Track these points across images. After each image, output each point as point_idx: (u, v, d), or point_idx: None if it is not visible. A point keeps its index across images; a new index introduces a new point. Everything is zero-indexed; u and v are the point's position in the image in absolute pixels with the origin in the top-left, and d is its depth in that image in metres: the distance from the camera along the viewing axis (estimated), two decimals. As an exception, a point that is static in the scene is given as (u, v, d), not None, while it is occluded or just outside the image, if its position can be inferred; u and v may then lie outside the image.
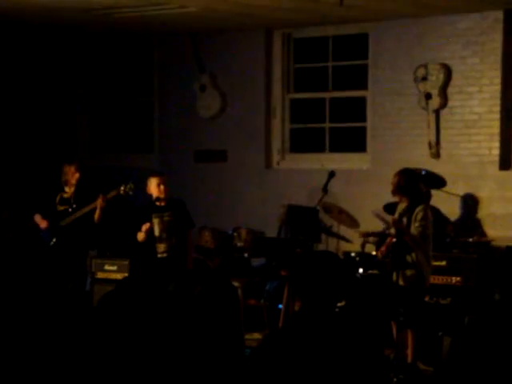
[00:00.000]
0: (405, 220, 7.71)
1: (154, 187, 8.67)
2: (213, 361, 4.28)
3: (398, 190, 7.78)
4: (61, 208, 9.22)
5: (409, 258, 7.61)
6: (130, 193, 9.00)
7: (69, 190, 9.24)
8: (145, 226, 8.57)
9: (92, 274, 9.67)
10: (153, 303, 4.44)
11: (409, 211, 7.70)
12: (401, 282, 7.63)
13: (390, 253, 7.68)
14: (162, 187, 8.63)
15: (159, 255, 8.62)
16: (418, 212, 7.68)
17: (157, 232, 8.62)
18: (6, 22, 10.69)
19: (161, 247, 8.63)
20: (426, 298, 8.19)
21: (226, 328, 4.51)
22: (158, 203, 8.67)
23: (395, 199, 7.99)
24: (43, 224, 9.16)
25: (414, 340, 7.66)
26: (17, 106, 11.65)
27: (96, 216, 9.01)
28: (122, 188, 8.99)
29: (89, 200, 9.04)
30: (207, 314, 4.47)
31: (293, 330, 4.05)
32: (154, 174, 8.86)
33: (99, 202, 8.90)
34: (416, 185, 7.82)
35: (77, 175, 9.19)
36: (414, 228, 7.62)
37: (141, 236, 8.61)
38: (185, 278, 8.42)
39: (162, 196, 8.65)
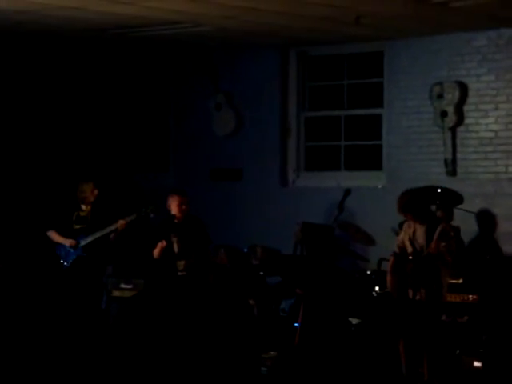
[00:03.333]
0: (421, 240, 7.69)
1: (174, 205, 8.72)
2: (228, 378, 4.26)
3: (401, 208, 7.79)
4: (77, 227, 9.23)
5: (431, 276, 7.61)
6: (151, 215, 9.03)
7: (85, 208, 9.26)
8: (161, 243, 8.58)
9: (108, 292, 9.66)
10: (168, 319, 4.44)
11: (428, 232, 7.68)
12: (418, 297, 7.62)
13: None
14: (183, 207, 8.70)
15: (179, 273, 8.63)
16: (441, 231, 7.65)
17: (176, 250, 8.64)
18: (21, 44, 10.74)
19: (180, 265, 8.64)
20: (443, 317, 8.14)
21: (241, 345, 4.49)
22: (176, 221, 8.70)
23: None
24: (69, 243, 9.11)
25: (428, 357, 7.63)
26: (33, 125, 11.69)
27: (112, 236, 9.03)
28: (143, 210, 9.02)
29: (106, 218, 9.05)
30: (222, 331, 4.45)
31: (308, 349, 4.04)
32: (176, 192, 8.87)
33: (120, 225, 8.94)
34: (420, 203, 7.82)
35: (95, 192, 9.24)
36: (441, 247, 7.58)
37: (156, 252, 8.63)
38: (204, 296, 8.40)
39: (181, 215, 8.69)
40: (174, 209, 8.71)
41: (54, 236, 9.26)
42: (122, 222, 8.96)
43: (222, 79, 11.38)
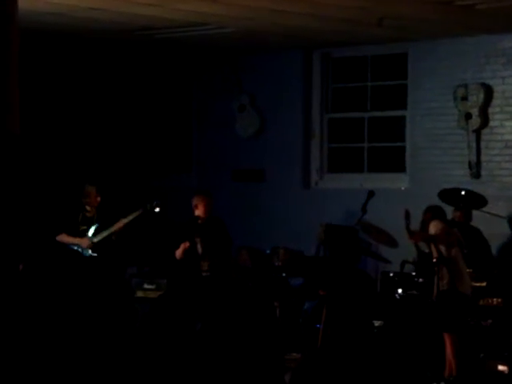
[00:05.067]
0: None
1: (200, 206, 8.74)
2: (251, 380, 4.26)
3: (424, 225, 8.09)
4: (83, 227, 9.24)
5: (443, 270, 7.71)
6: (156, 209, 9.04)
7: (91, 209, 9.27)
8: (184, 244, 8.61)
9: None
10: (190, 322, 4.45)
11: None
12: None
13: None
14: (207, 208, 8.72)
15: (203, 274, 8.66)
16: (431, 225, 7.97)
17: (200, 250, 8.67)
18: (48, 45, 10.80)
19: (204, 265, 8.67)
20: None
21: (264, 347, 4.49)
22: (199, 222, 8.73)
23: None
24: (84, 243, 9.13)
25: (453, 348, 7.70)
26: (53, 124, 11.72)
27: (113, 237, 9.04)
28: (148, 205, 9.04)
29: (112, 218, 9.08)
30: (244, 333, 4.46)
31: (331, 351, 4.03)
32: (201, 194, 8.91)
33: (118, 228, 8.96)
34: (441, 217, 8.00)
35: (98, 199, 9.22)
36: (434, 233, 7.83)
37: (179, 253, 8.65)
38: (227, 297, 8.43)
39: (205, 216, 8.72)
40: (200, 210, 8.75)
41: (66, 238, 9.24)
42: (118, 225, 8.98)
43: (246, 81, 11.39)
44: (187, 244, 8.61)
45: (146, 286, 9.67)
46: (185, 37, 10.12)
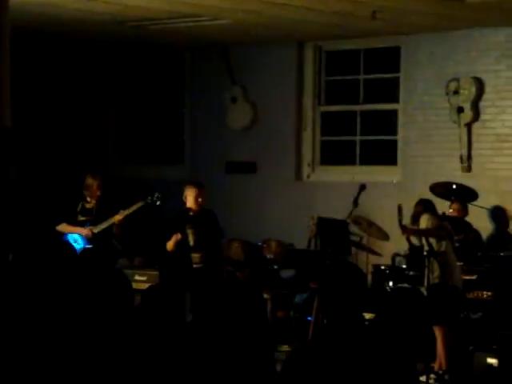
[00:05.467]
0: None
1: (191, 198, 8.72)
2: (242, 372, 4.27)
3: (414, 218, 8.11)
4: (81, 218, 9.21)
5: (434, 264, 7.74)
6: (157, 202, 9.03)
7: (91, 200, 9.24)
8: (175, 236, 8.60)
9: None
10: (181, 314, 4.45)
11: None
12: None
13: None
14: (199, 199, 8.70)
15: (195, 265, 8.65)
16: (422, 219, 8.00)
17: (191, 242, 8.66)
18: (41, 35, 10.79)
19: (196, 257, 8.67)
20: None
21: (255, 340, 4.50)
22: (191, 213, 8.71)
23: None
24: (85, 232, 9.10)
25: (444, 341, 7.74)
26: (48, 116, 11.74)
27: (115, 230, 9.02)
28: (150, 198, 9.03)
29: (112, 211, 9.05)
30: (236, 326, 4.46)
31: (322, 344, 4.04)
32: (193, 185, 8.88)
33: (117, 219, 8.93)
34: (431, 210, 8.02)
35: (98, 193, 9.17)
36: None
37: (170, 245, 8.65)
38: (220, 289, 8.42)
39: (197, 208, 8.70)
40: (190, 200, 8.73)
41: (66, 228, 9.22)
42: (117, 217, 8.96)
43: (238, 73, 11.38)
44: (179, 236, 8.61)
45: (137, 277, 9.67)
46: (178, 28, 10.10)
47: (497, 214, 9.69)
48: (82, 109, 12.20)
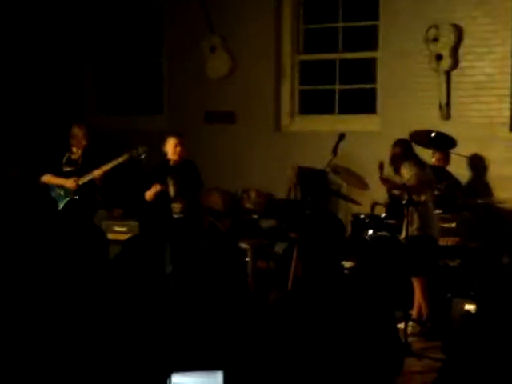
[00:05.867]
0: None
1: (171, 148, 8.70)
2: (219, 320, 4.30)
3: (393, 160, 7.93)
4: (67, 169, 9.19)
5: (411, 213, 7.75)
6: (142, 156, 8.99)
7: (76, 151, 9.22)
8: (155, 187, 8.58)
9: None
10: (159, 264, 4.46)
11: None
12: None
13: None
14: (178, 149, 8.67)
15: (175, 215, 8.66)
16: (402, 169, 7.92)
17: (172, 192, 8.65)
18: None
19: (176, 208, 8.67)
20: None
21: (232, 288, 4.52)
22: (171, 164, 8.70)
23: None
24: (70, 184, 9.07)
25: (423, 291, 7.82)
26: (24, 65, 11.62)
27: (98, 182, 9.00)
28: (135, 151, 8.98)
29: (97, 162, 9.02)
30: (214, 275, 4.48)
31: (302, 292, 4.07)
32: (172, 134, 8.83)
33: (97, 174, 8.90)
34: (411, 154, 7.96)
35: (84, 142, 9.15)
36: (407, 180, 7.78)
37: (149, 195, 8.62)
38: (199, 239, 8.45)
39: (177, 158, 8.68)
40: (170, 150, 8.70)
41: (51, 179, 9.20)
42: (97, 172, 8.93)
43: (217, 22, 11.28)
44: (158, 187, 8.59)
45: (116, 228, 9.67)
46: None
47: (475, 162, 9.73)
48: (59, 58, 12.07)
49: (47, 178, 9.20)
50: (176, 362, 3.92)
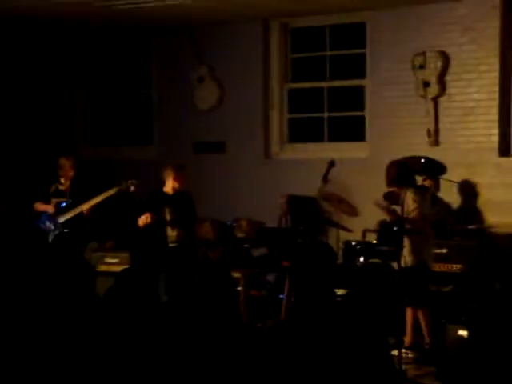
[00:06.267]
0: (399, 209, 7.84)
1: (169, 179, 8.76)
2: (213, 350, 4.29)
3: (391, 181, 7.91)
4: (55, 200, 9.20)
5: (406, 242, 7.73)
6: (132, 188, 9.01)
7: (64, 183, 9.23)
8: (146, 216, 8.56)
9: (93, 267, 9.67)
10: (152, 295, 4.46)
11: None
12: (402, 265, 7.74)
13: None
14: (176, 184, 8.72)
15: (171, 244, 8.67)
16: (408, 196, 7.78)
17: (168, 219, 8.69)
18: (6, 15, 10.66)
19: (172, 236, 8.70)
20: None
21: (225, 318, 4.52)
22: (167, 193, 8.74)
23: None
24: (49, 208, 9.08)
25: (426, 320, 7.81)
26: (14, 99, 11.63)
27: (85, 213, 9.00)
28: (124, 183, 8.99)
29: (85, 194, 9.03)
30: (207, 305, 4.48)
31: (294, 321, 4.07)
32: (171, 167, 8.88)
33: (84, 208, 8.91)
34: (409, 175, 7.93)
35: (71, 173, 9.18)
36: (410, 212, 7.73)
37: (141, 220, 8.60)
38: (193, 269, 8.45)
39: (175, 188, 8.74)
40: (168, 182, 8.77)
41: (38, 206, 9.23)
42: (85, 206, 8.95)
43: (205, 52, 11.33)
44: (149, 217, 8.57)
45: (108, 260, 9.65)
46: (143, 8, 10.04)
47: (466, 187, 9.76)
48: (49, 90, 12.09)
49: (38, 207, 9.25)
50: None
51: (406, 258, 7.80)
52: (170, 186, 8.82)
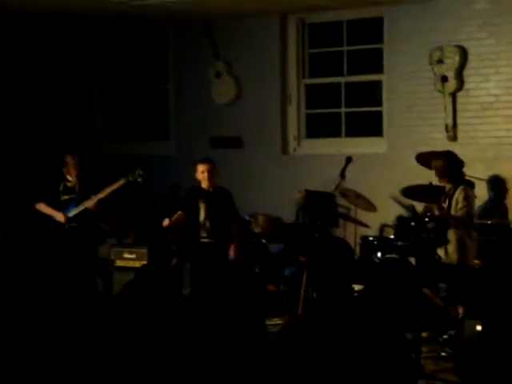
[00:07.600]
0: (445, 204, 7.85)
1: (198, 173, 8.78)
2: (234, 347, 4.29)
3: (443, 174, 7.88)
4: (65, 197, 9.21)
5: (451, 236, 7.70)
6: (139, 179, 9.02)
7: (72, 179, 9.24)
8: (178, 214, 8.58)
9: (111, 261, 9.70)
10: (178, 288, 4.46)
11: (450, 194, 7.87)
12: (444, 259, 7.73)
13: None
14: (205, 174, 8.72)
15: (202, 240, 8.68)
16: (460, 193, 7.82)
17: (202, 216, 8.69)
18: (23, 13, 10.71)
19: (204, 232, 8.70)
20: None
21: (248, 313, 4.52)
22: (204, 188, 8.75)
23: (411, 183, 8.04)
24: (60, 217, 9.10)
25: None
26: (34, 98, 11.69)
27: (93, 209, 9.01)
28: (131, 175, 9.01)
29: (94, 188, 9.05)
30: (229, 300, 4.47)
31: (313, 316, 4.07)
32: (200, 161, 8.89)
33: (89, 204, 8.92)
34: (459, 166, 7.92)
35: (75, 171, 9.18)
36: (458, 209, 7.73)
37: (166, 222, 8.62)
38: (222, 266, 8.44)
39: (206, 183, 8.71)
40: (199, 176, 8.79)
41: (44, 208, 9.21)
42: (89, 202, 8.97)
43: (222, 47, 11.34)
44: (178, 215, 8.59)
45: (126, 255, 9.68)
46: (160, 3, 10.05)
47: (496, 183, 9.70)
48: (67, 87, 12.14)
49: (40, 207, 9.22)
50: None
51: (451, 254, 7.80)
52: (202, 180, 8.79)
